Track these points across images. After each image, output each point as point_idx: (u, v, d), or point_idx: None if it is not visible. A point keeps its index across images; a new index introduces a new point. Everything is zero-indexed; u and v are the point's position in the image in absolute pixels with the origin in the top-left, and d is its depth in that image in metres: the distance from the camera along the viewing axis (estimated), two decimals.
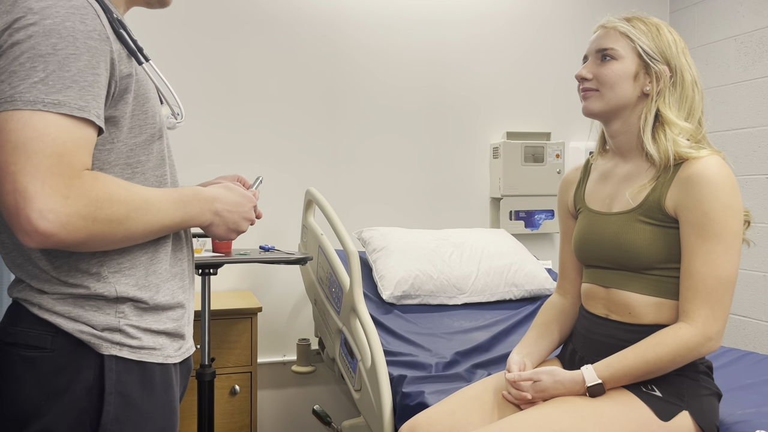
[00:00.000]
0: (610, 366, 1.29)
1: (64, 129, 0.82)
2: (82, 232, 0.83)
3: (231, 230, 1.07)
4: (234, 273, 2.74)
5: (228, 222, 1.06)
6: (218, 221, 1.04)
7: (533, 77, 3.16)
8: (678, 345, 1.24)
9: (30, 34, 0.82)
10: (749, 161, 2.96)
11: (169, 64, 2.63)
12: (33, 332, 0.92)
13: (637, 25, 1.37)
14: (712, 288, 1.24)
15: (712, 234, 1.24)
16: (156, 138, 0.99)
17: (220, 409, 2.32)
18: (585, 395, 1.30)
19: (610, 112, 1.39)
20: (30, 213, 0.79)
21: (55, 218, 0.80)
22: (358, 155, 2.91)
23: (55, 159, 0.81)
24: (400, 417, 1.71)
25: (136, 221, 0.89)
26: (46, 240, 0.81)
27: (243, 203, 1.08)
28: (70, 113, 0.83)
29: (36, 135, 0.80)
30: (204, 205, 1.01)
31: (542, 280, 2.55)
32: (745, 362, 1.91)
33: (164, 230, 0.95)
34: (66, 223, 0.81)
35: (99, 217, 0.84)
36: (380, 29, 2.93)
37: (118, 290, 0.94)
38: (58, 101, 0.82)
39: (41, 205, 0.79)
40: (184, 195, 0.98)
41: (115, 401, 0.92)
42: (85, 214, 0.83)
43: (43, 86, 0.81)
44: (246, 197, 1.09)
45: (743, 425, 1.35)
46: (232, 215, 1.06)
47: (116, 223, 0.86)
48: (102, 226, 0.85)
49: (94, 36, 0.86)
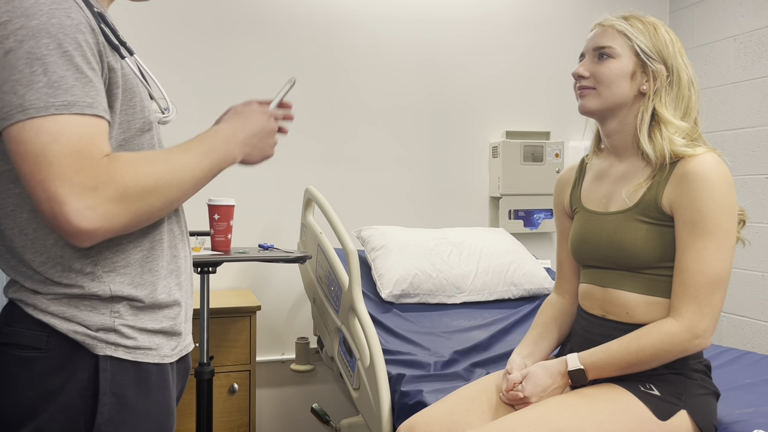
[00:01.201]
0: (593, 354, 1.31)
1: (75, 125, 0.82)
2: (122, 216, 0.84)
3: (264, 153, 1.06)
4: (233, 271, 2.74)
5: (258, 148, 1.05)
6: (248, 150, 1.03)
7: (532, 76, 3.16)
8: (661, 339, 1.25)
9: (20, 39, 0.82)
10: (748, 161, 2.96)
11: (167, 63, 2.63)
12: (27, 333, 0.91)
13: (635, 23, 1.37)
14: (700, 285, 1.24)
15: (705, 231, 1.24)
16: (145, 131, 0.98)
17: (218, 407, 2.32)
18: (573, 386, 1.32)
19: (606, 111, 1.39)
20: (68, 216, 0.80)
21: (93, 213, 0.81)
22: (357, 154, 2.91)
23: (74, 157, 0.81)
24: (398, 416, 1.71)
25: (168, 185, 0.89)
26: (94, 235, 0.83)
27: (262, 122, 1.06)
28: (81, 112, 0.83)
29: (51, 139, 0.81)
30: (228, 145, 1.00)
31: (541, 279, 2.55)
32: (743, 362, 1.92)
33: (199, 183, 0.95)
34: (104, 213, 0.82)
35: (132, 196, 0.85)
36: (379, 29, 2.93)
37: (113, 289, 0.93)
38: (67, 102, 0.82)
39: (75, 205, 0.80)
40: (206, 143, 0.97)
41: (109, 402, 0.92)
42: (117, 197, 0.83)
43: (49, 89, 0.81)
44: (262, 113, 1.07)
45: (741, 425, 1.35)
46: (257, 139, 1.04)
47: (149, 194, 0.87)
48: (138, 202, 0.85)
49: (81, 29, 0.86)
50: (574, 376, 1.32)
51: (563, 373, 1.34)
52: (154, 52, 2.61)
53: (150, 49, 2.60)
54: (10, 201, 0.90)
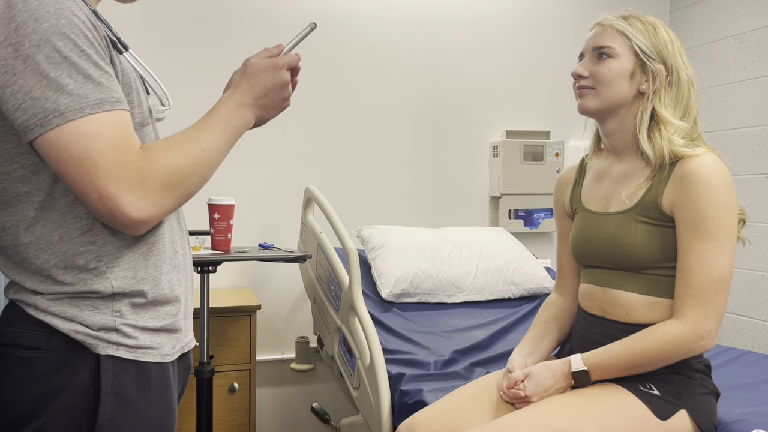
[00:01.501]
0: (597, 355, 1.31)
1: (108, 122, 0.85)
2: (171, 200, 0.89)
3: (278, 108, 1.06)
4: (233, 271, 2.74)
5: (270, 106, 1.04)
6: (262, 111, 1.04)
7: (533, 76, 3.16)
8: (666, 340, 1.25)
9: (36, 44, 0.82)
10: (748, 160, 2.96)
11: (169, 62, 2.63)
12: (28, 333, 0.91)
13: (634, 23, 1.37)
14: (703, 286, 1.24)
15: (706, 232, 1.24)
16: (143, 126, 0.99)
17: (218, 406, 2.32)
18: (575, 387, 1.32)
19: (605, 111, 1.39)
20: (124, 210, 0.84)
21: (144, 204, 0.86)
22: (357, 153, 2.91)
23: (116, 153, 0.84)
24: (398, 415, 1.72)
25: (203, 164, 0.94)
26: (148, 222, 0.88)
27: (271, 77, 1.03)
28: (112, 108, 0.86)
29: (91, 140, 0.83)
30: (240, 111, 1.01)
31: (541, 278, 2.55)
32: (743, 361, 1.92)
33: (225, 153, 0.99)
34: (155, 202, 0.87)
35: (176, 181, 0.89)
36: (379, 29, 2.93)
37: (115, 285, 0.93)
38: (99, 100, 0.85)
39: (128, 199, 0.84)
40: (222, 114, 0.99)
41: (111, 401, 0.92)
42: (162, 185, 0.88)
43: (80, 91, 0.83)
44: (270, 67, 1.03)
45: (741, 424, 1.35)
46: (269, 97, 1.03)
47: (190, 176, 0.92)
48: (181, 186, 0.90)
49: (89, 26, 0.87)
50: (577, 378, 1.32)
51: (566, 374, 1.33)
52: (149, 49, 2.61)
53: (145, 47, 2.60)
54: (20, 199, 0.91)
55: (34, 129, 0.83)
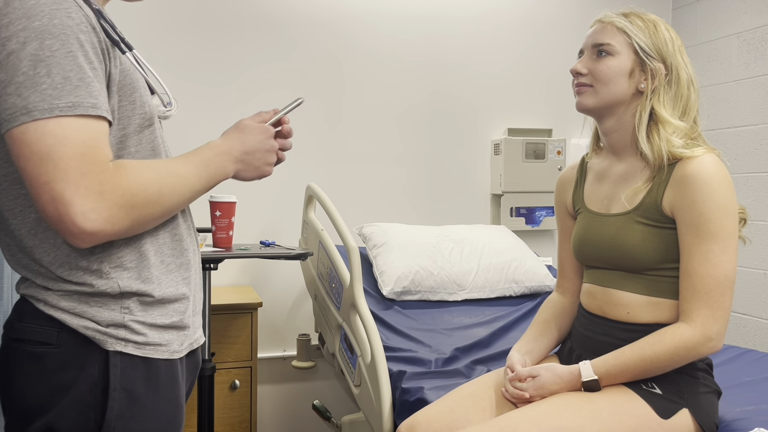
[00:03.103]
0: (607, 362, 1.29)
1: (80, 128, 0.83)
2: (125, 221, 0.87)
3: (259, 171, 1.06)
4: (234, 268, 2.75)
5: (252, 165, 1.05)
6: (243, 167, 1.04)
7: (535, 73, 3.16)
8: (676, 344, 1.24)
9: (23, 41, 0.82)
10: (751, 159, 2.96)
11: (173, 61, 2.62)
12: (39, 328, 0.92)
13: (635, 21, 1.36)
14: (710, 288, 1.23)
15: (709, 234, 1.23)
16: (145, 127, 0.98)
17: (220, 403, 2.32)
18: (581, 390, 1.31)
19: (603, 109, 1.38)
20: (73, 217, 0.82)
21: (97, 216, 0.83)
22: (358, 151, 2.91)
23: (80, 159, 0.82)
24: (399, 412, 1.72)
25: (170, 195, 0.92)
26: (95, 237, 0.85)
27: (261, 140, 1.06)
28: (85, 113, 0.84)
29: (56, 141, 0.81)
30: (224, 158, 1.01)
31: (542, 276, 2.55)
32: (744, 360, 1.91)
33: (196, 194, 0.98)
34: (109, 217, 0.84)
35: (136, 203, 0.87)
36: (382, 27, 2.92)
37: (121, 285, 0.94)
38: (72, 103, 0.83)
39: (81, 207, 0.82)
40: (204, 156, 0.99)
41: (119, 397, 0.93)
42: (122, 204, 0.85)
43: (54, 91, 0.82)
44: (262, 131, 1.06)
45: (742, 423, 1.35)
46: (254, 156, 1.04)
47: (153, 203, 0.90)
48: (141, 210, 0.88)
49: (83, 29, 0.86)
50: (588, 386, 1.30)
51: (573, 382, 1.31)
52: (153, 49, 2.61)
53: (150, 47, 2.60)
54: (18, 202, 0.91)
55: (3, 124, 0.83)
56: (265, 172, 1.08)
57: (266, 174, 1.08)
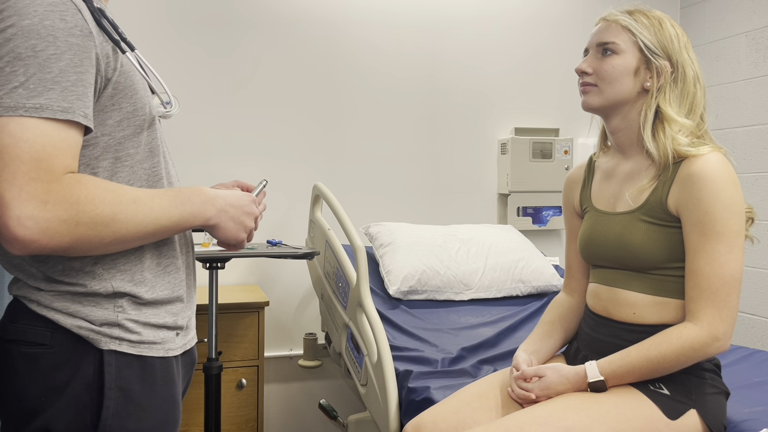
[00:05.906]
0: (613, 363, 1.29)
1: (42, 133, 0.81)
2: (65, 237, 0.81)
3: (237, 229, 1.02)
4: (241, 267, 2.75)
5: (234, 219, 1.01)
6: (224, 219, 0.99)
7: (542, 73, 3.15)
8: (682, 345, 1.23)
9: (8, 37, 0.81)
10: (759, 158, 2.94)
11: (177, 61, 2.63)
12: (32, 329, 0.92)
13: (640, 18, 1.35)
14: (717, 287, 1.22)
15: (714, 233, 1.22)
16: (145, 129, 0.97)
17: (226, 402, 2.33)
18: (587, 391, 1.30)
19: (609, 108, 1.37)
20: (8, 221, 0.78)
21: (34, 224, 0.79)
22: (365, 151, 2.91)
23: (33, 164, 0.79)
24: (405, 412, 1.72)
25: (125, 222, 0.86)
26: (28, 247, 0.80)
27: (246, 202, 1.04)
28: (53, 116, 0.81)
29: (12, 141, 0.79)
30: (205, 201, 0.97)
31: (549, 276, 2.54)
32: (752, 360, 1.90)
33: (162, 230, 0.92)
34: (46, 228, 0.80)
35: (82, 221, 0.82)
36: (389, 27, 2.92)
37: (114, 286, 0.93)
38: (39, 105, 0.80)
39: (18, 212, 0.78)
40: (182, 192, 0.95)
41: (115, 396, 0.92)
42: (66, 218, 0.81)
43: (24, 90, 0.80)
44: (248, 196, 1.06)
45: (750, 423, 1.34)
46: (237, 211, 1.01)
47: (102, 226, 0.84)
48: (86, 229, 0.83)
49: (75, 33, 0.85)
50: (594, 387, 1.30)
51: (579, 383, 1.31)
52: (153, 48, 2.61)
53: (158, 47, 2.60)
54: None
55: None
56: (241, 235, 1.03)
57: (241, 238, 1.03)
